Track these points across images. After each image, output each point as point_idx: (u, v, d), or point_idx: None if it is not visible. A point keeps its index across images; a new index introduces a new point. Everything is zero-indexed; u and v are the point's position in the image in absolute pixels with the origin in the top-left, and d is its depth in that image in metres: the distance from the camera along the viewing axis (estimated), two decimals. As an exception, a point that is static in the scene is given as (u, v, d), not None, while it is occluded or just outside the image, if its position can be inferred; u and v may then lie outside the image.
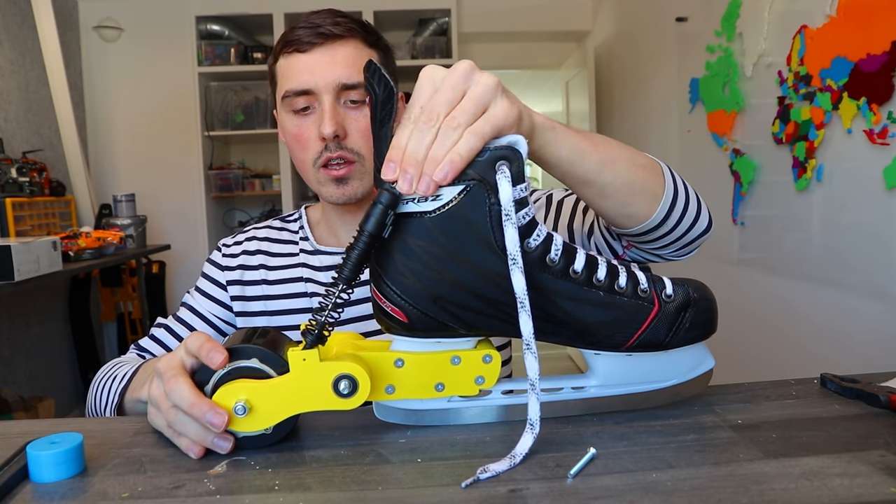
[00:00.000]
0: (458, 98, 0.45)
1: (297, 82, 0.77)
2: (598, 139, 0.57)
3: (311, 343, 0.48)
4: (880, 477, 0.40)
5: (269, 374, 0.49)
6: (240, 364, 0.49)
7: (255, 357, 0.49)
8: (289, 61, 0.78)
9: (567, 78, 3.78)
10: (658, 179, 0.60)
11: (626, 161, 0.58)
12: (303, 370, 0.48)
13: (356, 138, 0.78)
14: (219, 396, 0.48)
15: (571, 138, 0.54)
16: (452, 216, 0.46)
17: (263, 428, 0.49)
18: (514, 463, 0.44)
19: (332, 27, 0.77)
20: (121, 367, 0.74)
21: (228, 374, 0.49)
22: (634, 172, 0.58)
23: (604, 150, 0.56)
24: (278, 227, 0.91)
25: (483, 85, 0.45)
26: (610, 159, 0.56)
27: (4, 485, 0.42)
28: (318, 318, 0.47)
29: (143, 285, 3.01)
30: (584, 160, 0.55)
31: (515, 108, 0.47)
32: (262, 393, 0.48)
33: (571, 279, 0.48)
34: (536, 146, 0.53)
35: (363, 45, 0.79)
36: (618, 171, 0.57)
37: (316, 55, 0.77)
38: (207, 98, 3.32)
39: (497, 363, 0.51)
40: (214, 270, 0.88)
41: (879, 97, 1.34)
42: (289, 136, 0.81)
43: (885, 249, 1.38)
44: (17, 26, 2.77)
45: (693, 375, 0.54)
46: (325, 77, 0.76)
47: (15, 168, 2.47)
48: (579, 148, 0.55)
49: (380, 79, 0.46)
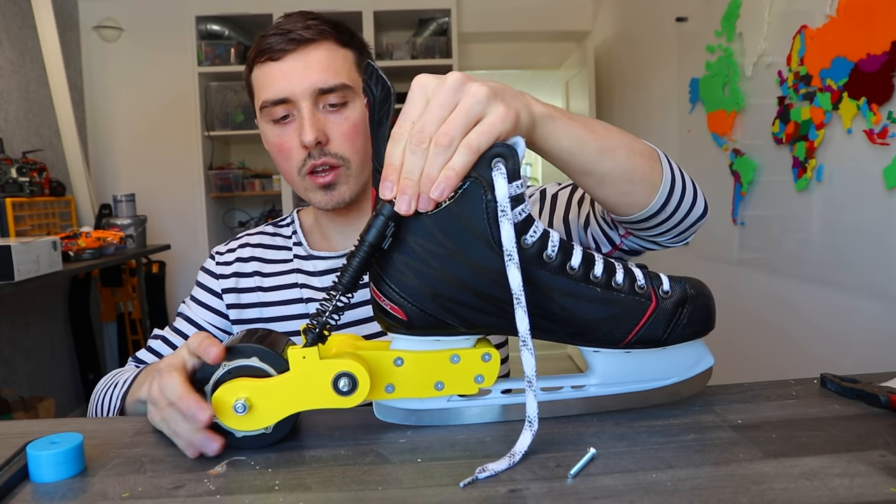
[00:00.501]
0: (447, 115, 0.45)
1: (272, 91, 0.76)
2: (598, 126, 0.57)
3: (311, 341, 0.48)
4: (880, 477, 0.40)
5: (269, 372, 0.49)
6: (240, 363, 0.49)
7: (255, 356, 0.49)
8: (263, 70, 0.77)
9: (567, 78, 3.78)
10: (656, 167, 0.60)
11: (625, 148, 0.57)
12: (302, 368, 0.48)
13: (339, 142, 0.77)
14: (219, 395, 0.48)
15: (572, 128, 0.54)
16: (450, 214, 0.46)
17: (263, 427, 0.49)
18: (513, 462, 0.44)
19: (303, 31, 0.76)
20: (121, 374, 0.74)
21: (228, 372, 0.49)
22: (633, 160, 0.58)
23: (603, 138, 0.56)
24: (271, 233, 0.90)
25: (472, 97, 0.45)
26: (609, 147, 0.56)
27: (4, 485, 0.43)
28: (318, 319, 0.47)
29: (143, 285, 3.01)
30: (583, 149, 0.55)
31: (511, 111, 0.46)
32: (262, 391, 0.48)
33: (568, 275, 0.49)
34: (538, 138, 0.52)
35: (337, 46, 0.78)
36: (617, 159, 0.57)
37: (289, 62, 0.76)
38: (207, 98, 3.32)
39: (496, 362, 0.51)
40: (209, 279, 0.87)
41: (879, 97, 1.34)
42: (271, 146, 0.80)
43: (885, 249, 1.38)
44: (17, 26, 2.77)
45: (692, 374, 0.54)
46: (300, 83, 0.75)
47: (15, 168, 2.47)
48: (579, 137, 0.54)
49: (377, 80, 0.46)
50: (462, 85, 0.45)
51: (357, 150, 0.78)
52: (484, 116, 0.45)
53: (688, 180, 0.64)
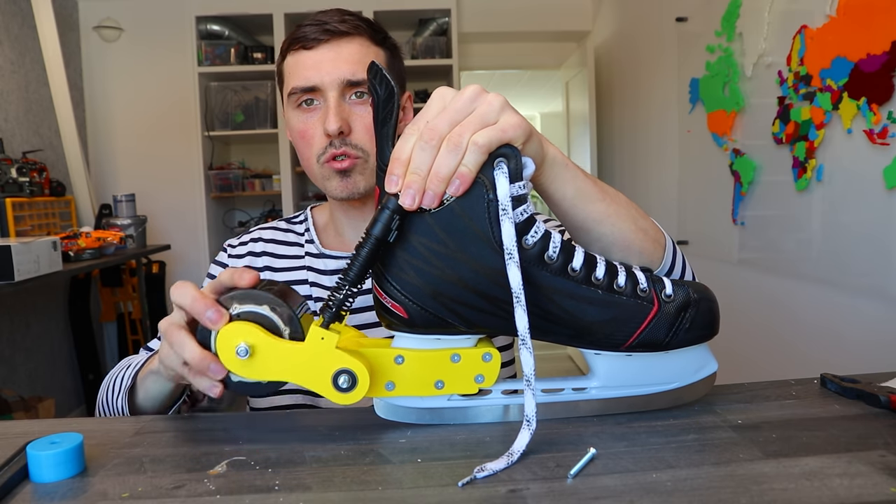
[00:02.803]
0: (461, 119, 0.46)
1: (302, 79, 0.77)
2: (609, 190, 0.57)
3: (328, 319, 0.48)
4: (880, 477, 0.40)
5: (277, 324, 0.50)
6: (250, 308, 0.50)
7: (266, 304, 0.50)
8: (295, 58, 0.79)
9: (567, 78, 3.78)
10: (657, 250, 0.60)
11: (629, 221, 0.57)
12: (315, 348, 0.48)
13: (361, 134, 0.78)
14: (225, 331, 0.49)
15: (581, 180, 0.54)
16: (452, 213, 0.46)
17: (256, 379, 0.50)
18: (511, 461, 0.44)
19: (339, 24, 0.77)
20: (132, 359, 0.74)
21: (238, 316, 0.50)
22: (635, 234, 0.57)
23: (611, 202, 0.56)
24: (284, 229, 0.91)
25: (488, 104, 0.46)
26: (614, 213, 0.56)
27: (4, 485, 0.42)
28: (336, 296, 0.48)
29: (143, 285, 3.02)
30: (587, 205, 0.55)
31: (525, 125, 0.47)
32: (268, 346, 0.49)
33: (570, 277, 0.49)
34: (545, 179, 0.53)
35: (370, 43, 0.80)
36: (619, 227, 0.56)
37: (322, 52, 0.77)
38: (207, 98, 3.32)
39: (497, 362, 0.51)
40: (220, 271, 0.88)
41: (879, 97, 1.34)
42: (294, 132, 0.81)
43: (884, 249, 1.38)
44: (17, 26, 2.77)
45: (696, 378, 0.54)
46: (330, 73, 0.76)
47: (15, 168, 2.47)
48: (586, 192, 0.55)
49: (381, 79, 0.46)
50: (479, 95, 0.47)
51: None
52: (496, 122, 0.46)
53: (688, 271, 0.63)
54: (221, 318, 0.49)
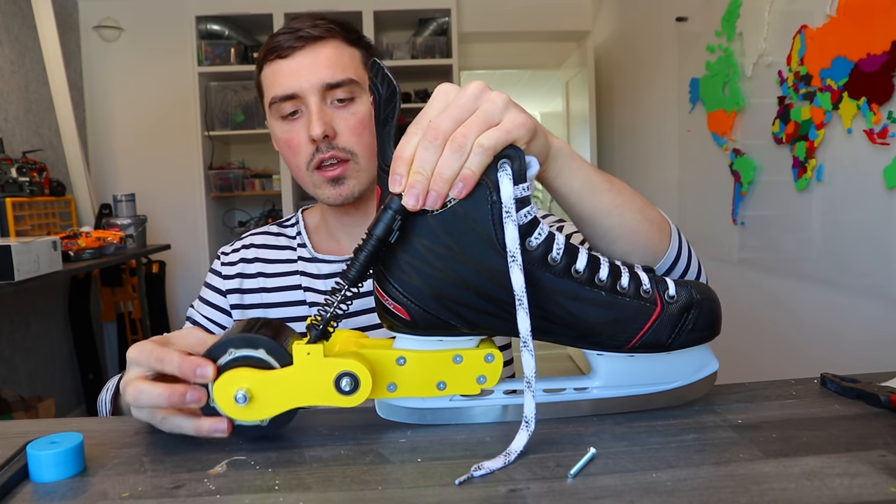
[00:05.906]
0: (465, 118, 0.45)
1: (281, 88, 0.77)
2: (615, 181, 0.57)
3: (315, 338, 0.48)
4: (880, 477, 0.40)
5: (273, 366, 0.49)
6: (247, 353, 0.49)
7: (263, 348, 0.49)
8: (272, 68, 0.79)
9: (567, 78, 3.78)
10: (664, 240, 0.59)
11: (636, 211, 0.57)
12: (306, 364, 0.48)
13: (346, 136, 0.78)
14: (221, 382, 0.48)
15: (587, 172, 0.54)
16: (455, 215, 0.46)
17: (261, 419, 0.49)
18: (508, 461, 0.44)
19: (311, 29, 0.78)
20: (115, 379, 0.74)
21: (235, 360, 0.49)
22: (642, 225, 0.57)
23: (617, 194, 0.56)
24: (275, 234, 0.91)
25: (492, 103, 0.45)
26: (621, 204, 0.56)
27: (4, 485, 0.42)
28: (323, 314, 0.47)
29: (143, 285, 3.01)
30: (595, 197, 0.55)
31: (529, 122, 0.46)
32: (264, 383, 0.48)
33: (573, 278, 0.48)
34: (551, 172, 0.53)
35: (344, 45, 0.80)
36: (626, 218, 0.56)
37: (298, 59, 0.77)
38: (207, 98, 3.32)
39: (499, 362, 0.51)
40: (216, 279, 0.88)
41: (879, 97, 1.34)
42: (280, 142, 0.81)
43: (884, 249, 1.38)
44: (17, 26, 2.77)
45: (697, 378, 0.54)
46: (308, 79, 0.76)
47: (15, 168, 2.47)
48: (593, 183, 0.54)
49: (382, 78, 0.46)
50: (483, 92, 0.46)
51: (364, 144, 0.79)
52: (500, 122, 0.45)
53: (694, 261, 0.63)
54: (212, 373, 0.47)
